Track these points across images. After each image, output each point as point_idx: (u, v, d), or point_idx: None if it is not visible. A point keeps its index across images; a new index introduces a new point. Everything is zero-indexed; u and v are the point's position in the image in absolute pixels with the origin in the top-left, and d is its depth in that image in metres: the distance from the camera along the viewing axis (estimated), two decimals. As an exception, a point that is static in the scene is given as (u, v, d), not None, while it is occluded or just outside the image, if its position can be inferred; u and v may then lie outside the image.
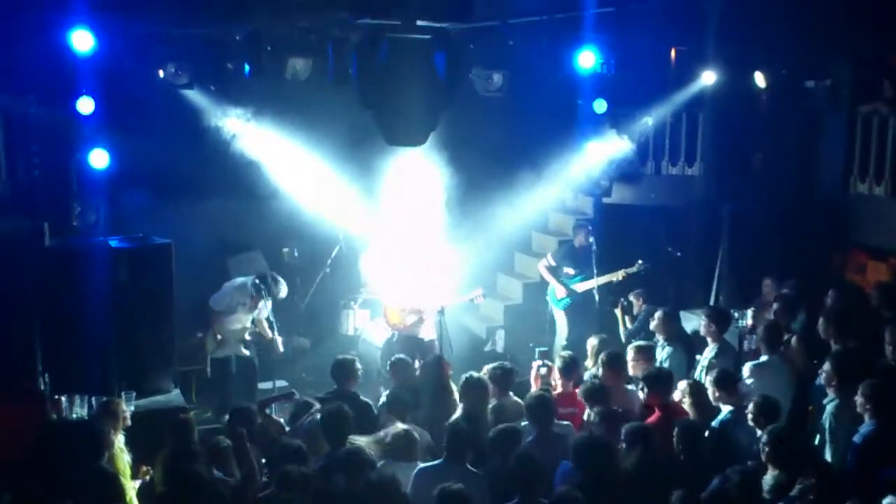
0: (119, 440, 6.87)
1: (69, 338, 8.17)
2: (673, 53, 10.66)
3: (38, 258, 8.40)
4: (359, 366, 8.03)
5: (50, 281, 8.34)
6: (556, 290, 10.74)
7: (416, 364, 9.83)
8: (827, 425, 6.75)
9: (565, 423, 7.07)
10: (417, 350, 9.84)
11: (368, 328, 11.17)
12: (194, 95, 9.45)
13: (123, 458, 6.88)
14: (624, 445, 6.22)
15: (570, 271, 10.67)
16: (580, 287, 10.61)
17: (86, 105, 8.26)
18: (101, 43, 8.00)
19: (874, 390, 6.31)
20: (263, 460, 6.78)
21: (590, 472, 5.83)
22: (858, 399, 6.34)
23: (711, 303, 11.28)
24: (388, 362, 8.55)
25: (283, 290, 9.83)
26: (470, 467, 6.18)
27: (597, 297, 10.67)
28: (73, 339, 8.13)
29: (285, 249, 12.09)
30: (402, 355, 8.41)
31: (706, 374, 7.72)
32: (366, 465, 5.98)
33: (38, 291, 8.38)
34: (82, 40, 7.94)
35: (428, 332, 9.98)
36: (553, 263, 10.76)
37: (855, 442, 6.27)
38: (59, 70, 8.24)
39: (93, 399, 7.61)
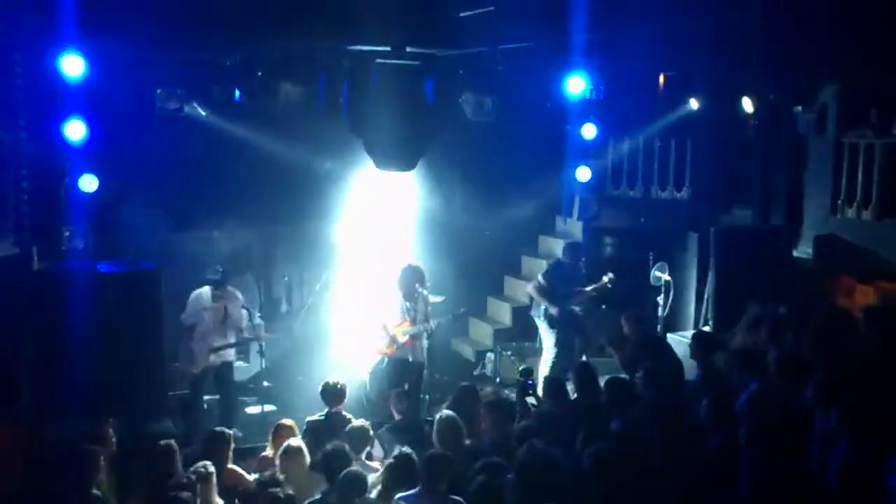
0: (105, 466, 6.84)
1: (56, 362, 8.13)
2: (661, 79, 10.74)
3: (26, 282, 8.37)
4: (347, 388, 8.04)
5: (38, 305, 8.31)
6: (551, 309, 10.67)
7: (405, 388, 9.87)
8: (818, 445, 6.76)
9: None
10: (405, 374, 9.83)
11: (356, 353, 11.15)
12: (187, 120, 9.50)
13: (109, 484, 6.85)
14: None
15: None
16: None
17: (76, 129, 8.27)
18: (92, 67, 8.02)
19: (846, 411, 6.34)
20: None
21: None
22: (833, 420, 6.36)
23: (700, 327, 11.32)
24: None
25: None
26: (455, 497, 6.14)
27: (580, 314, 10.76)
28: (61, 364, 8.09)
29: (285, 278, 12.12)
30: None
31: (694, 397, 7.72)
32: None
33: (26, 315, 8.34)
34: (73, 65, 7.96)
35: (416, 356, 9.95)
36: (544, 283, 10.71)
37: (834, 460, 6.27)
38: (49, 94, 8.26)
39: (80, 424, 7.57)
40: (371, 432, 7.40)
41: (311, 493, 6.45)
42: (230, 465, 6.98)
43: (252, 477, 7.00)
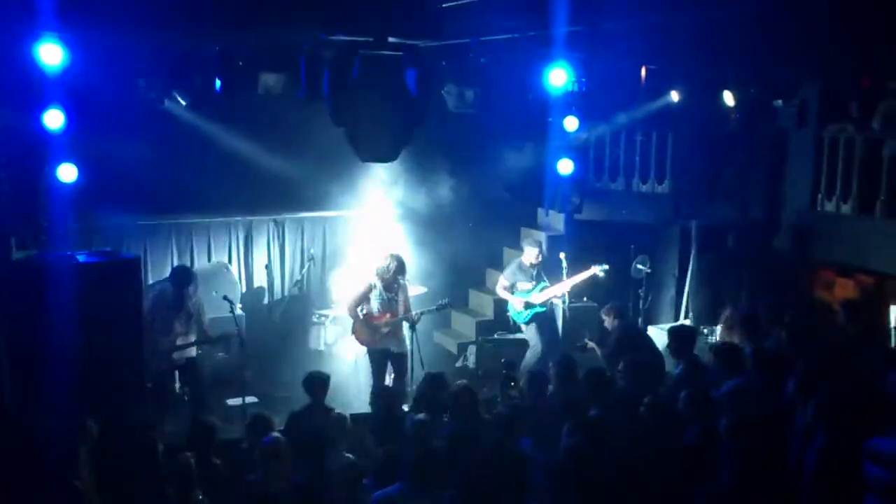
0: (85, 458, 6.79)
1: (35, 353, 8.06)
2: (643, 72, 10.75)
3: (4, 272, 8.29)
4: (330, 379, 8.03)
5: (16, 295, 8.23)
6: (515, 305, 10.79)
7: (389, 378, 9.87)
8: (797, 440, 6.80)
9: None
10: (388, 365, 9.84)
11: (339, 344, 11.14)
12: (166, 109, 9.43)
13: (90, 477, 6.81)
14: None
15: (527, 286, 10.71)
16: (538, 298, 10.64)
17: (54, 118, 8.18)
18: (72, 56, 7.94)
19: (824, 406, 6.39)
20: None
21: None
22: (810, 414, 6.41)
23: (680, 320, 11.37)
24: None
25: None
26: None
27: (564, 307, 10.81)
28: (40, 355, 8.01)
29: (267, 268, 12.08)
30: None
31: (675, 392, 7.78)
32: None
33: (4, 306, 8.26)
34: (52, 53, 7.86)
35: (399, 346, 9.95)
36: (507, 283, 10.84)
37: (809, 456, 6.31)
38: (27, 83, 8.16)
39: (59, 416, 7.50)
40: (349, 423, 7.40)
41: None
42: (213, 458, 6.94)
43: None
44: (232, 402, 9.98)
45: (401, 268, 9.75)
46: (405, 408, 8.25)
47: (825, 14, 7.78)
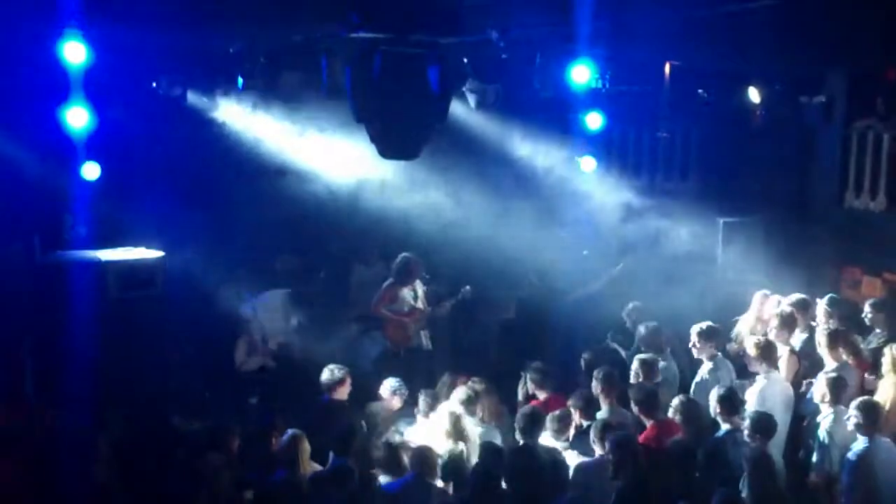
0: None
1: (59, 349, 8.11)
2: (667, 68, 10.63)
3: (28, 271, 8.36)
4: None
5: (40, 294, 8.29)
6: None
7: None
8: (820, 440, 6.72)
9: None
10: (419, 363, 9.83)
11: (368, 342, 11.11)
12: (188, 106, 9.46)
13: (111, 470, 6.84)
14: (612, 458, 6.19)
15: None
16: None
17: (78, 116, 8.22)
18: (94, 54, 7.97)
19: (869, 408, 6.30)
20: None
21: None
22: (853, 416, 6.32)
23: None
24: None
25: None
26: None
27: None
28: (63, 351, 8.07)
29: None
30: None
31: (700, 391, 7.75)
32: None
33: (29, 304, 8.33)
34: (74, 51, 7.90)
35: (420, 344, 9.95)
36: None
37: (850, 459, 6.24)
38: (51, 81, 8.21)
39: (83, 413, 7.55)
40: None
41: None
42: None
43: None
44: (254, 400, 10.00)
45: (413, 267, 9.72)
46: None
47: (850, 6, 7.67)
